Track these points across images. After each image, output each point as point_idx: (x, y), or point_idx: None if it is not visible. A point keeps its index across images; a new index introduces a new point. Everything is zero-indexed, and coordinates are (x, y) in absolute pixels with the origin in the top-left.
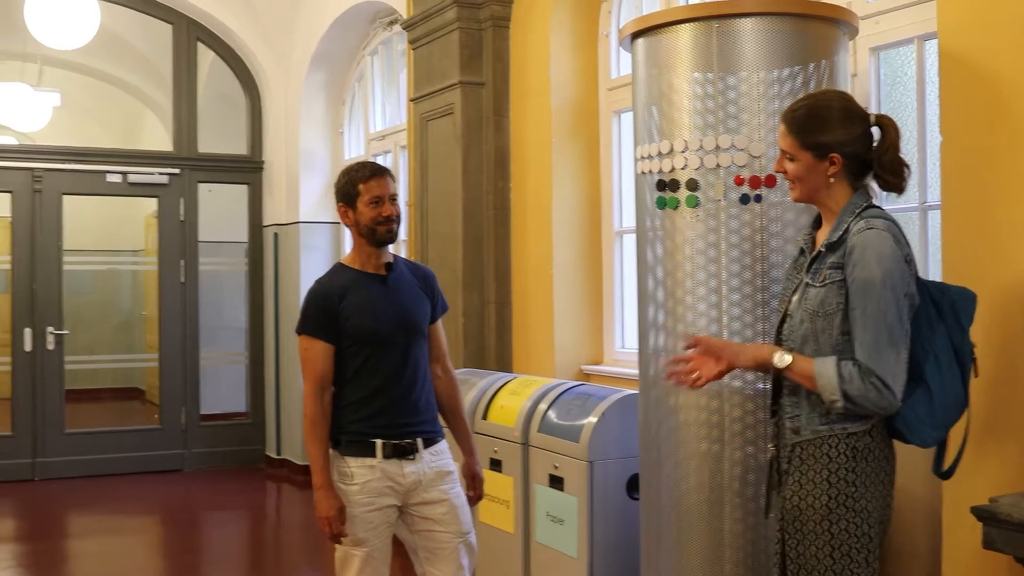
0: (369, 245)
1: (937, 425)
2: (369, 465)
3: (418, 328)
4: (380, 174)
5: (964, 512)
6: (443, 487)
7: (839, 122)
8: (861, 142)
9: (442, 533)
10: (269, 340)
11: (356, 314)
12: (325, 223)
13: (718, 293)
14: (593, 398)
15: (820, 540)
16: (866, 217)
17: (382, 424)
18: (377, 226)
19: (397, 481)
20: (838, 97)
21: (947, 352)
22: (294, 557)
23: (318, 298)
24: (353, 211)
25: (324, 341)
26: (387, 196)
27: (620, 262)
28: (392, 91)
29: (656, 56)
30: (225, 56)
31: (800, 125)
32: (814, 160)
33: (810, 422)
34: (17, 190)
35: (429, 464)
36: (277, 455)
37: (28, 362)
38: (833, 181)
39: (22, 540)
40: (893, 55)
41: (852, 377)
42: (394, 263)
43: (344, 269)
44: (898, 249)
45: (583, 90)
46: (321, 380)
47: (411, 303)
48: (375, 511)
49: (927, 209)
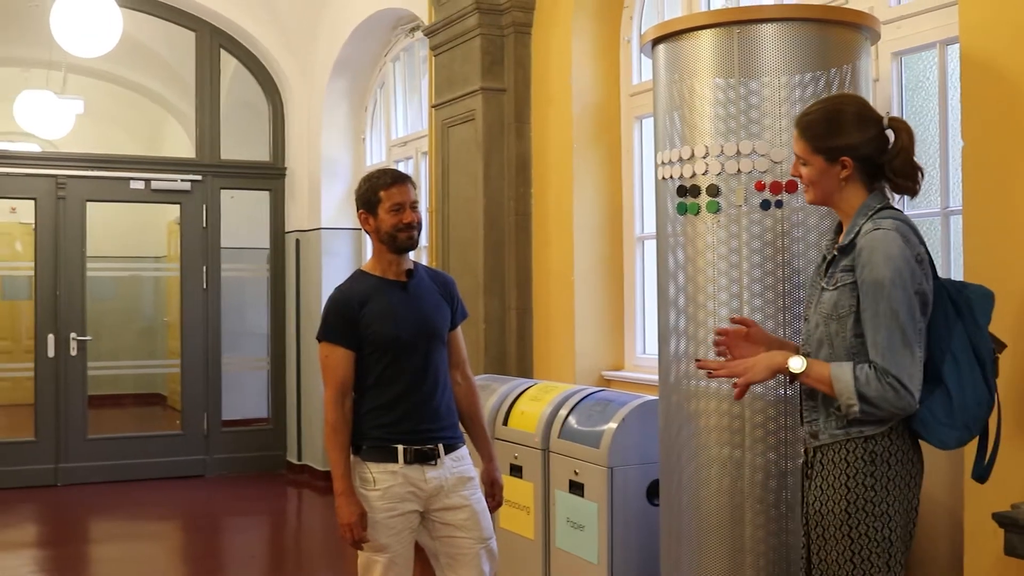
0: (390, 252)
1: (957, 426)
2: (391, 471)
3: (438, 334)
4: (401, 181)
5: (986, 518)
6: (464, 493)
7: (851, 126)
8: (874, 145)
9: (463, 539)
10: (291, 346)
11: (377, 321)
12: (347, 229)
13: (739, 298)
14: (613, 404)
15: (840, 545)
16: (877, 218)
17: (404, 430)
18: (398, 233)
19: (419, 487)
20: (851, 101)
21: (966, 351)
22: (315, 563)
23: (339, 305)
24: (374, 218)
25: (345, 347)
26: (408, 203)
27: (641, 268)
28: (414, 97)
29: (677, 62)
30: (248, 63)
31: (812, 130)
32: (826, 164)
33: (827, 426)
34: (41, 197)
35: (451, 470)
36: (298, 461)
37: (51, 368)
38: (846, 184)
39: (45, 545)
40: (915, 60)
41: (869, 379)
42: (415, 270)
43: (365, 276)
44: (907, 248)
45: (604, 96)
46: (342, 386)
47: (432, 309)
48: (397, 516)
49: (949, 214)
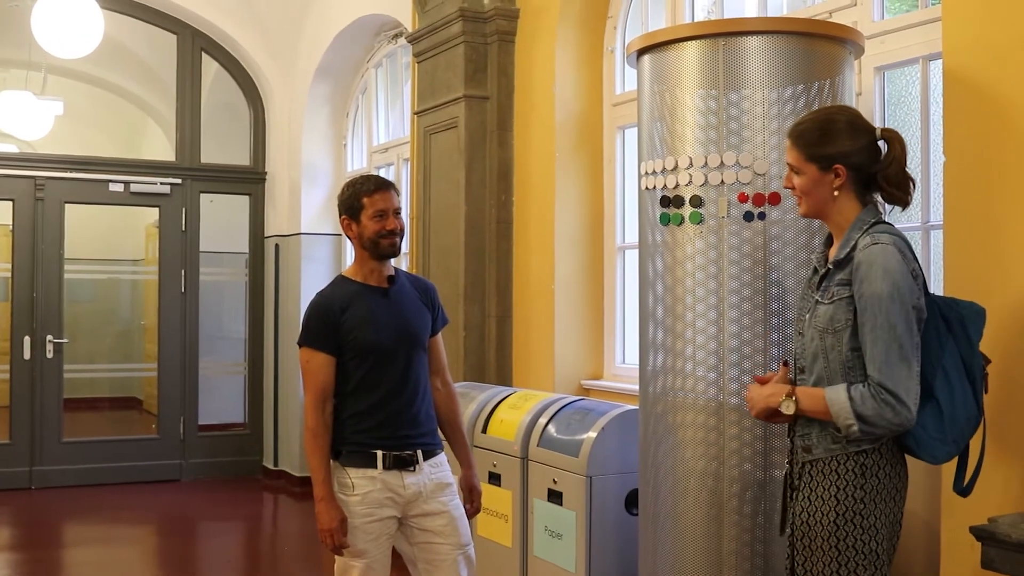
0: (371, 258)
1: (947, 441)
2: (370, 476)
3: (419, 341)
4: (385, 188)
5: (963, 532)
6: (443, 499)
7: (843, 134)
8: (866, 154)
9: (441, 545)
10: (268, 351)
11: (358, 327)
12: (327, 235)
13: (718, 310)
14: (593, 413)
15: (827, 556)
16: (873, 232)
17: (383, 436)
18: (380, 239)
19: (397, 492)
20: (843, 111)
21: (957, 367)
22: (291, 568)
23: (319, 310)
24: (357, 224)
25: (325, 353)
26: (391, 210)
27: (622, 277)
28: (396, 104)
29: (662, 72)
30: (229, 67)
31: (805, 138)
32: (819, 172)
33: (822, 440)
34: (19, 198)
35: (429, 476)
36: (274, 466)
37: (27, 370)
38: (838, 194)
39: (18, 549)
40: (898, 75)
41: (864, 398)
42: (396, 276)
43: (346, 281)
44: (904, 263)
45: (587, 105)
46: (322, 392)
47: (412, 316)
48: (375, 522)
49: (930, 229)
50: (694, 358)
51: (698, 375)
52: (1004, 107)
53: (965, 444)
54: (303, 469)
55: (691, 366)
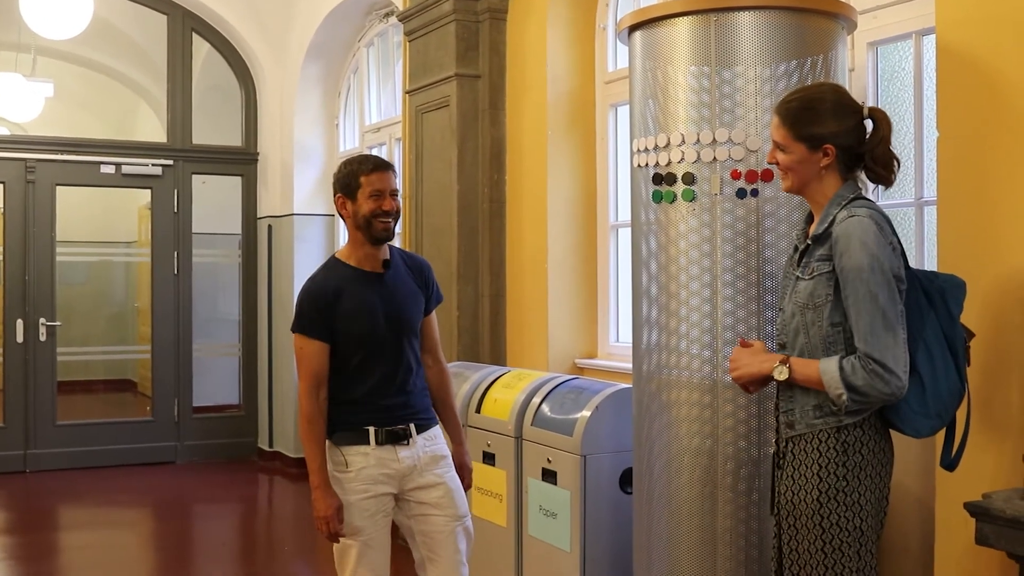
0: (365, 240)
1: (930, 415)
2: (363, 453)
3: (412, 327)
4: (383, 168)
5: (957, 508)
6: (438, 471)
7: (832, 114)
8: (854, 134)
9: (438, 517)
10: (262, 332)
11: (351, 316)
12: (319, 215)
13: (711, 287)
14: (587, 392)
15: (812, 534)
16: (850, 207)
17: (374, 410)
18: (375, 220)
19: (392, 467)
20: (832, 89)
21: (938, 341)
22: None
23: (312, 297)
24: (352, 203)
25: (319, 340)
26: (388, 191)
27: (615, 256)
28: (388, 83)
29: (654, 49)
30: (220, 47)
31: (794, 116)
32: (807, 151)
33: (804, 415)
34: (10, 181)
35: (423, 448)
36: (269, 447)
37: (20, 353)
38: (824, 173)
39: (13, 532)
40: (891, 50)
41: (855, 369)
42: (391, 258)
43: (339, 264)
44: (881, 235)
45: (580, 83)
46: (316, 378)
47: (407, 301)
48: (370, 499)
49: (923, 205)
50: (688, 336)
51: (692, 353)
52: (998, 82)
53: (950, 418)
54: (298, 450)
55: (685, 344)
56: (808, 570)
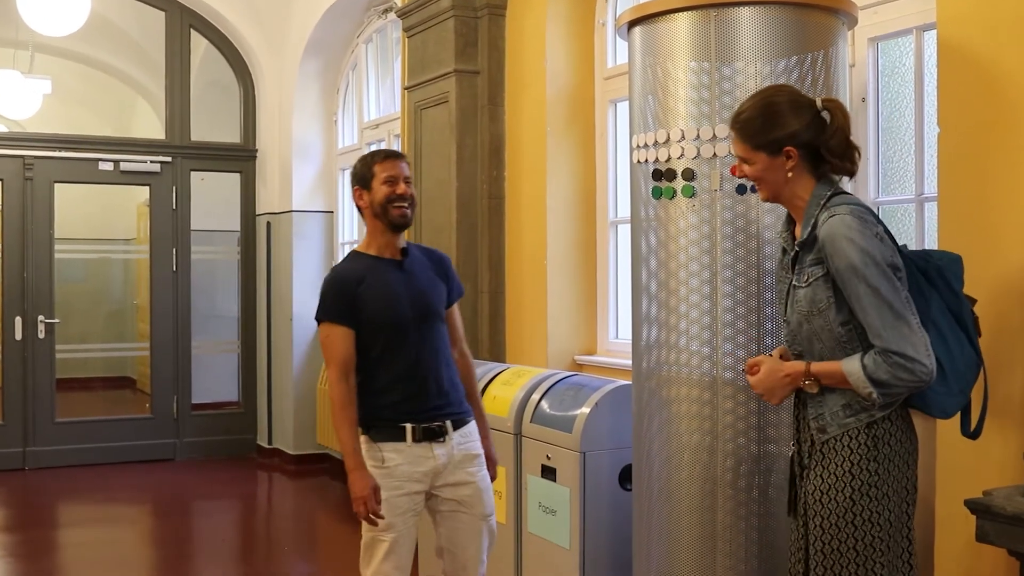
0: (384, 228)
1: (953, 392)
2: (399, 449)
3: (435, 312)
4: (396, 156)
5: (958, 505)
6: (470, 470)
7: (786, 115)
8: (812, 130)
9: (465, 515)
10: (261, 329)
11: (374, 300)
12: (318, 212)
13: (711, 284)
14: (586, 388)
15: (843, 533)
16: (830, 206)
17: (411, 408)
18: (390, 205)
19: (427, 464)
20: (781, 90)
21: (946, 319)
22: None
23: (336, 284)
24: (368, 192)
25: (344, 326)
26: (401, 177)
27: (614, 252)
28: (386, 79)
29: (653, 45)
30: (218, 43)
31: (747, 127)
32: (769, 158)
33: (835, 418)
34: (8, 178)
35: (458, 446)
36: (268, 444)
37: (19, 351)
38: (793, 176)
39: (12, 529)
40: (892, 45)
41: (877, 364)
42: (408, 249)
43: (360, 256)
44: (865, 227)
45: (579, 79)
46: (344, 364)
47: (427, 287)
48: (403, 496)
49: (924, 201)
50: (687, 332)
51: (691, 349)
52: (998, 78)
53: (971, 391)
54: (297, 447)
55: (684, 340)
56: (838, 569)
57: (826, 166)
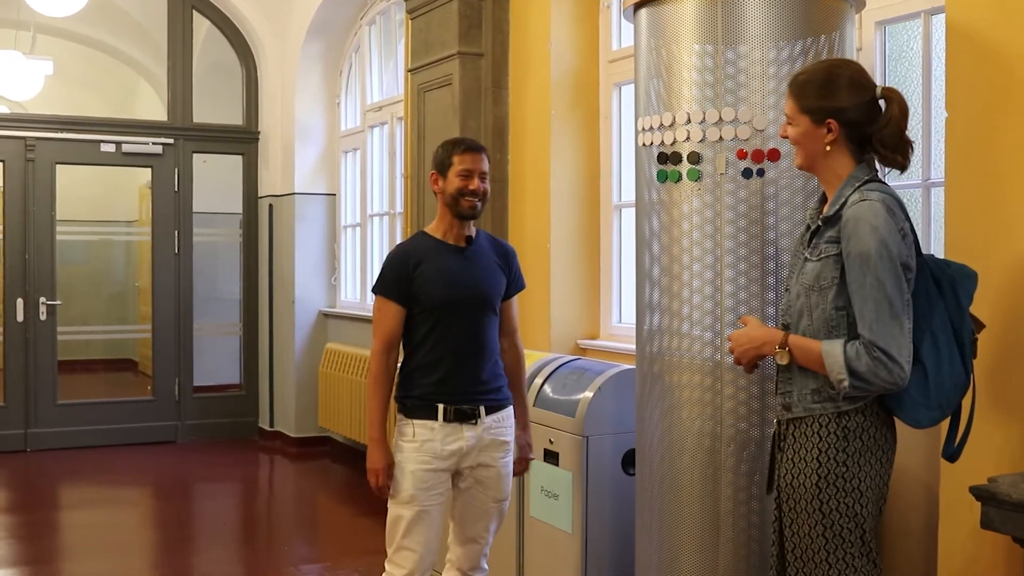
0: (452, 216)
1: (931, 406)
2: (430, 427)
3: (489, 302)
4: (476, 150)
5: (962, 492)
6: (496, 454)
7: (842, 89)
8: (862, 112)
9: (480, 494)
10: (263, 312)
11: (429, 282)
12: (320, 195)
13: (714, 269)
14: (589, 373)
15: (812, 519)
16: (863, 190)
17: (446, 390)
18: (461, 198)
19: (455, 445)
20: (848, 65)
21: (945, 332)
22: (287, 529)
23: (395, 262)
24: (443, 180)
25: (396, 303)
26: (477, 172)
27: (618, 236)
28: (389, 62)
29: (659, 27)
30: (221, 25)
31: (803, 89)
32: (812, 125)
33: (801, 399)
34: (9, 159)
35: (489, 430)
36: (270, 427)
37: (20, 333)
38: (831, 150)
39: (14, 511)
40: (899, 29)
41: (860, 354)
42: (476, 236)
43: (425, 237)
44: (892, 220)
45: (583, 62)
46: (389, 340)
47: (485, 276)
48: (429, 471)
49: (930, 186)
50: (691, 318)
51: (694, 335)
52: (1008, 62)
53: (952, 409)
54: (299, 430)
55: (687, 326)
56: (810, 554)
57: (872, 153)
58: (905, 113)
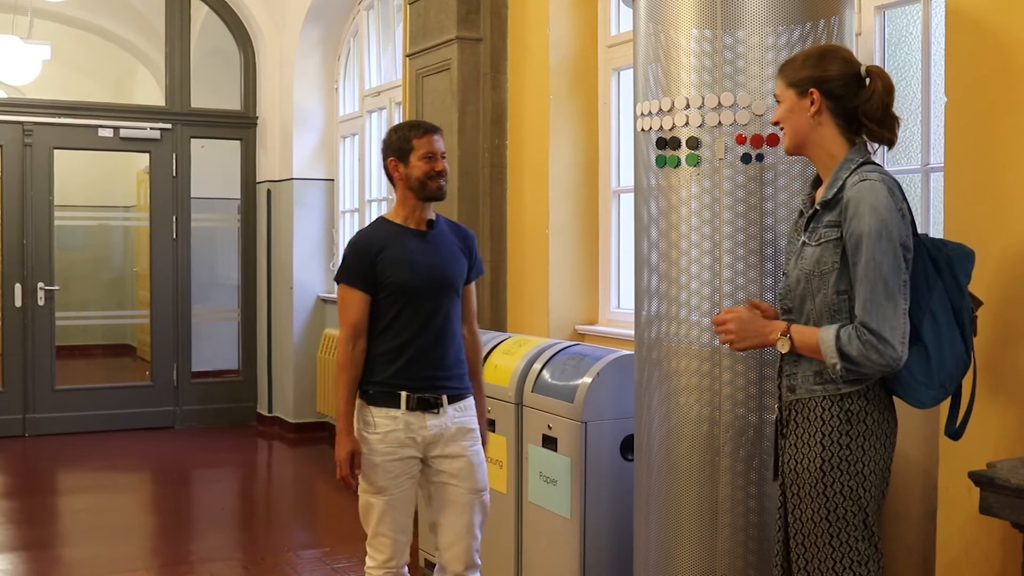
0: (415, 199)
1: (934, 385)
2: (392, 416)
3: (452, 285)
4: (434, 131)
5: (961, 476)
6: (463, 443)
7: (826, 60)
8: (846, 84)
9: (456, 487)
10: (261, 297)
11: (392, 267)
12: (319, 180)
13: (712, 255)
14: (588, 358)
15: (815, 503)
16: (860, 171)
17: (408, 376)
18: (428, 180)
19: (418, 433)
20: (839, 47)
21: (945, 311)
22: (284, 514)
23: (357, 249)
24: (404, 165)
25: (361, 291)
26: (439, 152)
27: (617, 222)
28: (388, 47)
29: (658, 12)
30: (219, 10)
31: (787, 64)
32: (796, 97)
33: (804, 381)
34: (7, 144)
35: (452, 419)
36: (268, 413)
37: (18, 318)
38: (818, 125)
39: (12, 496)
40: (899, 14)
41: (851, 338)
42: (436, 221)
43: (386, 223)
44: (892, 200)
45: (582, 47)
46: (355, 328)
47: (448, 260)
48: (395, 461)
49: (930, 171)
50: (688, 303)
51: (692, 320)
52: (1007, 46)
53: (954, 388)
54: (297, 416)
55: (685, 312)
56: (813, 538)
57: (863, 132)
58: (889, 90)
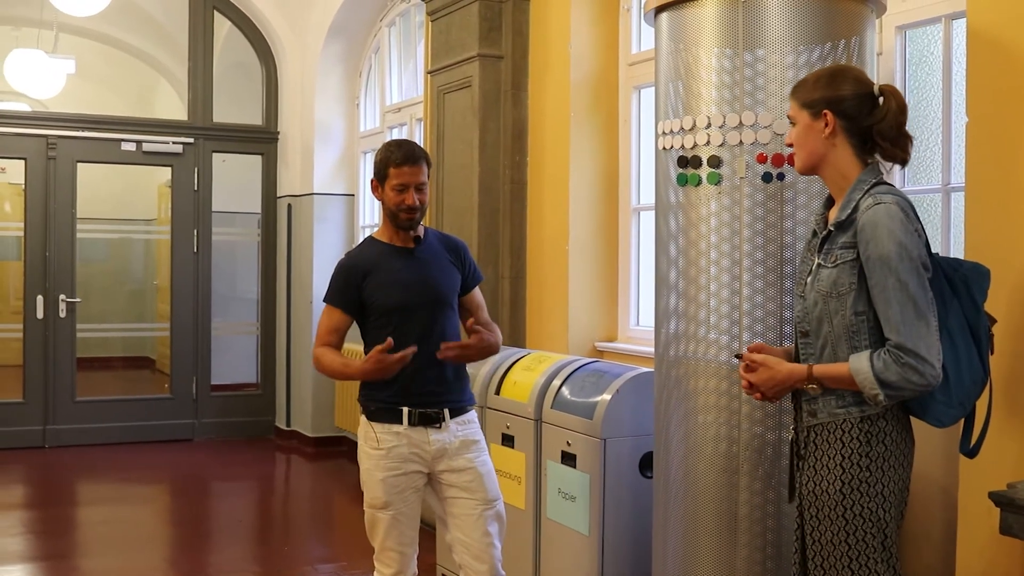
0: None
1: (952, 404)
2: (395, 432)
3: (444, 300)
4: (413, 162)
5: (981, 497)
6: (469, 455)
7: (839, 81)
8: (859, 104)
9: (467, 500)
10: (281, 311)
11: (381, 289)
12: (339, 195)
13: (732, 273)
14: (607, 375)
15: (835, 525)
16: (874, 193)
17: (410, 392)
18: (399, 212)
19: (422, 448)
20: (850, 67)
21: (962, 330)
22: (302, 528)
23: (344, 271)
24: (381, 190)
25: (342, 312)
26: (413, 184)
27: (637, 239)
28: (409, 63)
29: (680, 31)
30: (241, 25)
31: (800, 85)
32: (810, 119)
33: (826, 404)
34: (31, 157)
35: (455, 433)
36: (287, 426)
37: (40, 329)
38: (833, 147)
39: (32, 507)
40: (919, 34)
41: (887, 364)
42: (424, 236)
43: (374, 243)
44: (908, 221)
45: (603, 65)
46: (322, 337)
47: (437, 275)
48: (400, 476)
49: (951, 191)
50: (708, 322)
51: (711, 339)
52: None
53: (972, 406)
54: (315, 430)
55: (705, 330)
56: (832, 560)
57: (876, 151)
58: (903, 108)
